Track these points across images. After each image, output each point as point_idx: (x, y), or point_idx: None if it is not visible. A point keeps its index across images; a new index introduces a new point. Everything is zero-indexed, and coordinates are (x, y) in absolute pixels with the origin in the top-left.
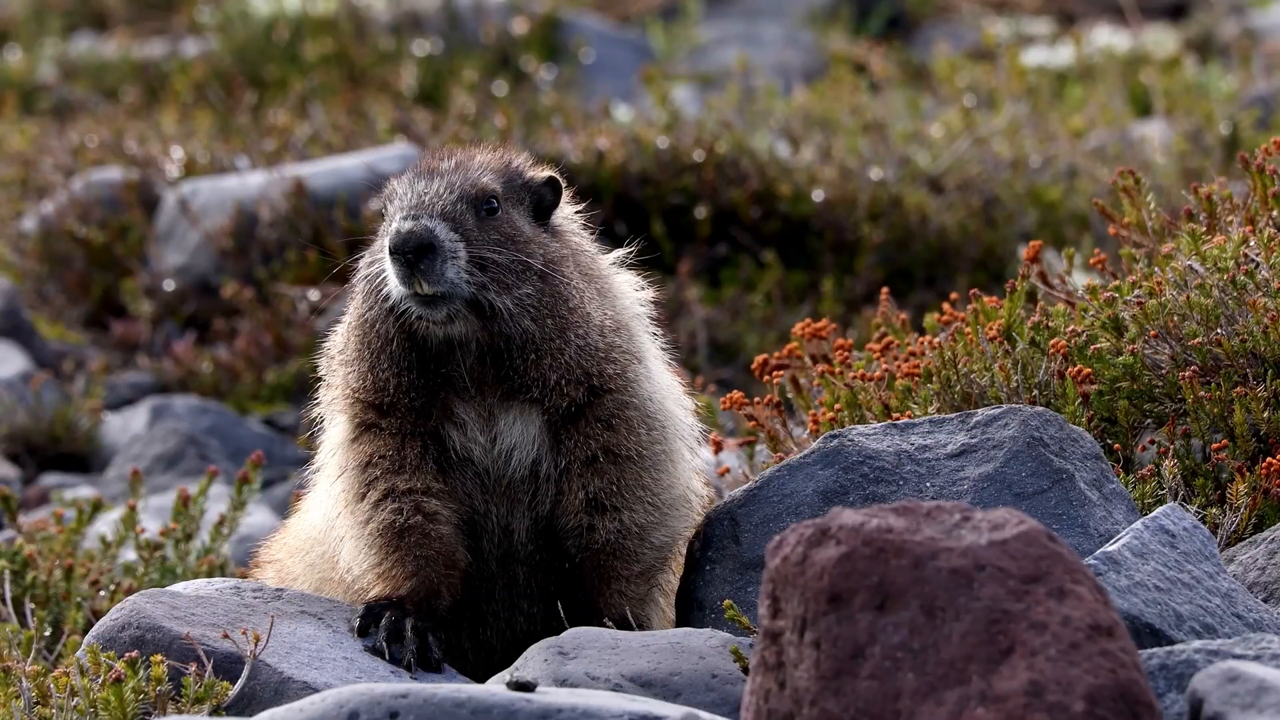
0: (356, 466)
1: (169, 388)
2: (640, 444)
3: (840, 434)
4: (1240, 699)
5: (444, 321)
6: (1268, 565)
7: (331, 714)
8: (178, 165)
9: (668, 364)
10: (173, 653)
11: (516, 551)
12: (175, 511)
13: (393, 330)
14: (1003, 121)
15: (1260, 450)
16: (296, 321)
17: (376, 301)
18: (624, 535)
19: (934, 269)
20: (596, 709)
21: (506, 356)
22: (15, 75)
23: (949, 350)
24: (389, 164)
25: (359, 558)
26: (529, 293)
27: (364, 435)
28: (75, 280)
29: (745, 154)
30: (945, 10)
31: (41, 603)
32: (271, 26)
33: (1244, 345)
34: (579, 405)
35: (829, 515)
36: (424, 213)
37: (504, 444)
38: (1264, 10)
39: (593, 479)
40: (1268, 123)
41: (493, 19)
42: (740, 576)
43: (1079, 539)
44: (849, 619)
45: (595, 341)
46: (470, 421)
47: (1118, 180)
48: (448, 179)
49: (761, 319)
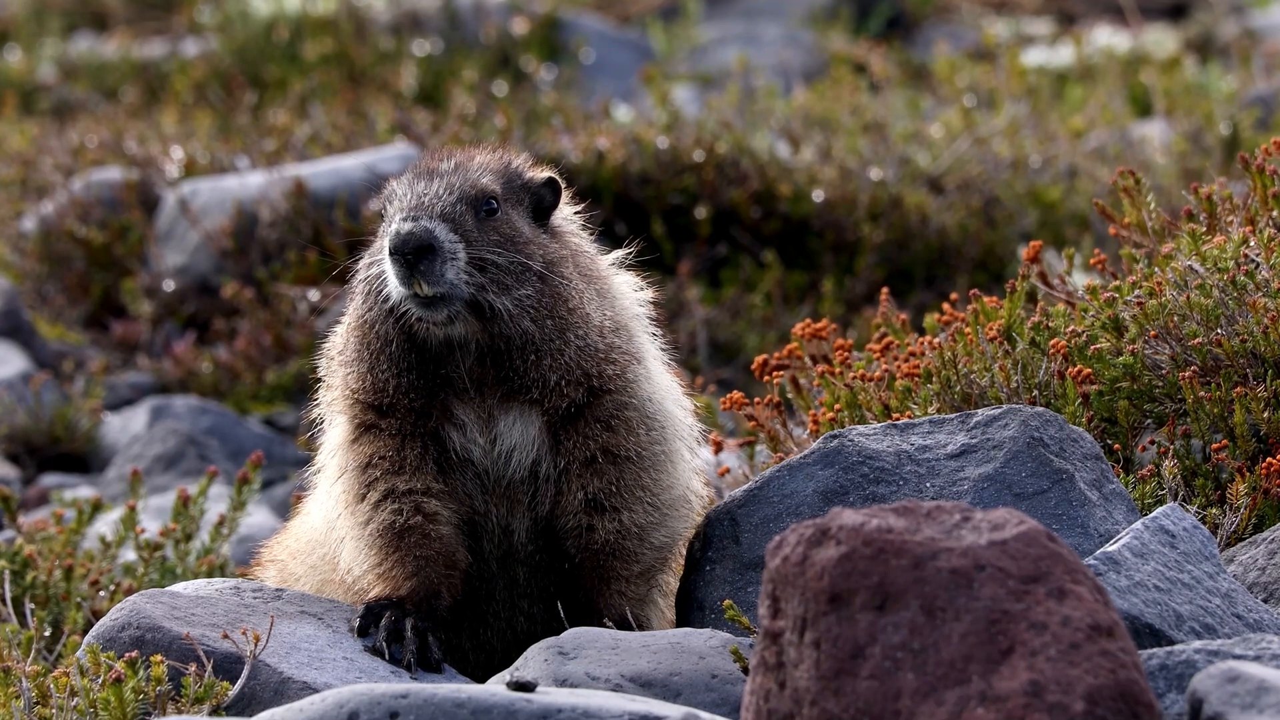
0: (356, 468)
1: (169, 388)
2: (639, 444)
3: (840, 434)
4: (1240, 699)
5: (444, 323)
6: (1268, 565)
7: (331, 714)
8: (178, 165)
9: (667, 364)
10: (173, 653)
11: (516, 552)
12: (175, 512)
13: (392, 331)
14: (1003, 121)
15: (1260, 450)
16: (296, 321)
17: (376, 302)
18: (623, 535)
19: (934, 269)
20: (596, 709)
21: (506, 357)
22: (15, 75)
23: (949, 350)
24: (389, 164)
25: (359, 558)
26: (528, 294)
27: (364, 436)
28: (75, 280)
29: (745, 154)
30: (945, 10)
31: (41, 603)
32: (271, 26)
33: (1244, 345)
34: (579, 406)
35: (829, 515)
36: (424, 214)
37: (504, 445)
38: (1264, 10)
39: (592, 479)
40: (1268, 123)
41: (493, 19)
42: (740, 576)
43: (1079, 539)
44: (849, 619)
45: (595, 342)
46: (470, 423)
47: (1118, 180)
48: (447, 180)
49: (761, 319)
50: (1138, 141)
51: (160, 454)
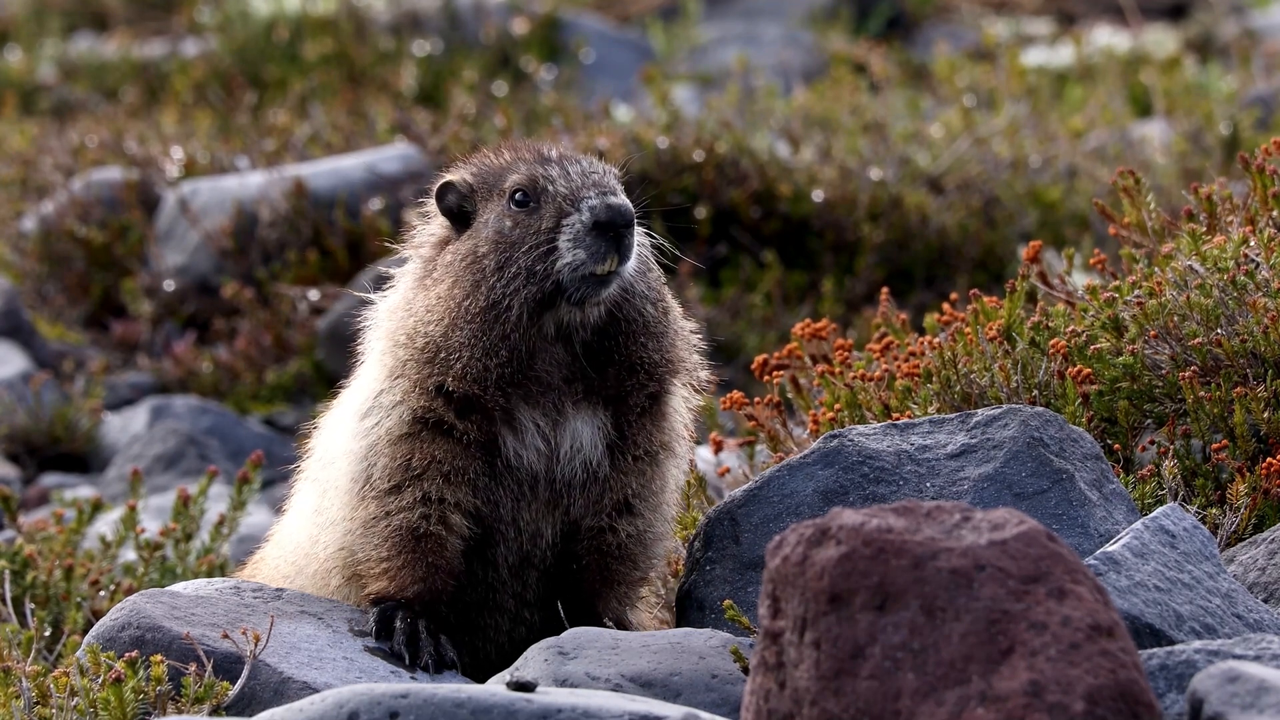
0: (404, 462)
1: (169, 388)
2: (675, 451)
3: (840, 434)
4: (1240, 699)
5: (598, 303)
6: (1268, 565)
7: (331, 714)
8: (178, 165)
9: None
10: (173, 653)
11: (536, 556)
12: (175, 511)
13: (525, 316)
14: (1003, 121)
15: (1260, 450)
16: (296, 321)
17: (526, 283)
18: (635, 540)
19: (934, 269)
20: (596, 709)
21: (616, 340)
22: (15, 75)
23: (949, 350)
24: (389, 164)
25: (367, 545)
26: (657, 275)
27: (425, 434)
28: (75, 280)
29: (745, 154)
30: (945, 10)
31: (41, 603)
32: (271, 26)
33: (1244, 345)
34: (652, 397)
35: (829, 515)
36: (613, 190)
37: (570, 444)
38: (1264, 10)
39: (632, 480)
40: (1268, 123)
41: (493, 19)
42: (740, 576)
43: (1079, 539)
44: (849, 619)
45: (681, 326)
46: (530, 427)
47: (1118, 180)
48: (593, 162)
49: (761, 319)
50: (1138, 141)
51: (160, 454)
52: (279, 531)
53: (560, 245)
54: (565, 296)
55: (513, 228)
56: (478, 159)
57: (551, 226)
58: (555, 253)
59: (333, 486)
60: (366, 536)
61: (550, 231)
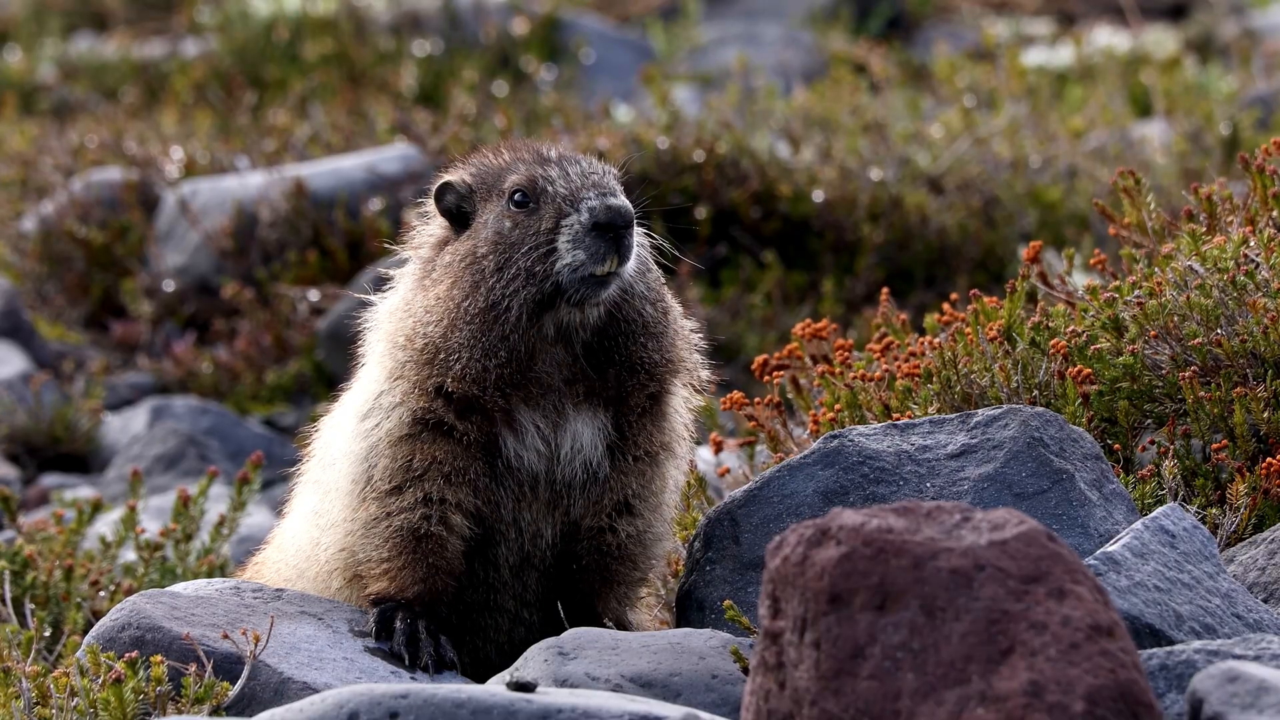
0: (405, 463)
1: (169, 388)
2: (675, 452)
3: (840, 434)
4: (1240, 699)
5: (597, 304)
6: (1268, 565)
7: (331, 714)
8: (178, 165)
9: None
10: (173, 653)
11: (536, 556)
12: (175, 512)
13: (525, 316)
14: (1003, 122)
15: (1260, 450)
16: (296, 321)
17: (524, 284)
18: (634, 541)
19: (934, 269)
20: (596, 709)
21: (615, 340)
22: (15, 75)
23: (949, 350)
24: (389, 164)
25: (367, 545)
26: (656, 275)
27: (426, 435)
28: (75, 280)
29: (745, 154)
30: (945, 10)
31: (41, 603)
32: (271, 27)
33: (1244, 345)
34: (653, 397)
35: (829, 515)
36: (613, 191)
37: (571, 445)
38: (1264, 10)
39: (632, 480)
40: (1268, 123)
41: (493, 19)
42: (740, 576)
43: (1079, 539)
44: (849, 619)
45: (681, 326)
46: (530, 428)
47: (1118, 180)
48: (592, 162)
49: (761, 319)
50: (1138, 141)
51: (160, 454)
52: (279, 534)
53: (560, 246)
54: (565, 297)
55: (512, 228)
56: (477, 159)
57: (551, 227)
58: (555, 253)
59: (333, 488)
60: (367, 537)
61: (550, 232)
